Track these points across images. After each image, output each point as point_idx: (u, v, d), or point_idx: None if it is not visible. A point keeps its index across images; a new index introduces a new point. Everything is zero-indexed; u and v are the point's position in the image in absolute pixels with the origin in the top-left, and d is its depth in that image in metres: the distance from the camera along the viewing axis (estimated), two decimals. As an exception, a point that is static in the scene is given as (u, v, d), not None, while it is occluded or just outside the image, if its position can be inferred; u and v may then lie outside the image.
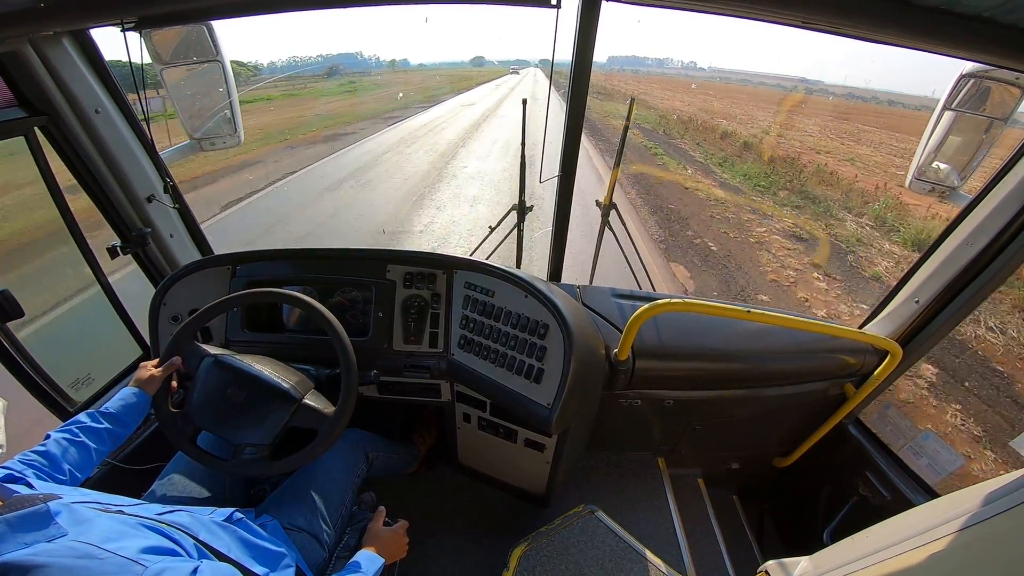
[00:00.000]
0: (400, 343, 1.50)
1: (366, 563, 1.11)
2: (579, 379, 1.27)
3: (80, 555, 0.60)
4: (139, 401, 1.15)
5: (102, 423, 1.06)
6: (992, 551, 0.72)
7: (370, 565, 1.11)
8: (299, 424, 1.19)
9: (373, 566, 1.11)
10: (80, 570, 0.58)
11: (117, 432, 1.09)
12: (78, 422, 1.04)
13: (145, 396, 1.16)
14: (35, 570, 0.56)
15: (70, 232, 1.42)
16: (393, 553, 1.22)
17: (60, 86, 1.26)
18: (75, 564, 0.59)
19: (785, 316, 1.52)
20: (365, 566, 1.10)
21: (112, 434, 1.08)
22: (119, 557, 0.62)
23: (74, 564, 0.59)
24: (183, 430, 1.18)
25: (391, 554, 1.20)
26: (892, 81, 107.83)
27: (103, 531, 0.67)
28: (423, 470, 2.01)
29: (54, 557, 0.58)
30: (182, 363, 1.22)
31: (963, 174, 1.43)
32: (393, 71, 61.28)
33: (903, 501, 1.53)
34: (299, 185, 9.85)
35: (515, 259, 1.99)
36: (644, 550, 1.59)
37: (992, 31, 0.76)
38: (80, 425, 1.03)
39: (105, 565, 0.61)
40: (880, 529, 0.98)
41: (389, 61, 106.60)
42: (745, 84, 56.73)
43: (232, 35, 36.78)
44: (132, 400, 1.14)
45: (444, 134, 15.75)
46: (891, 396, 3.50)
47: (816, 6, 0.89)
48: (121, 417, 1.10)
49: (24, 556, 0.57)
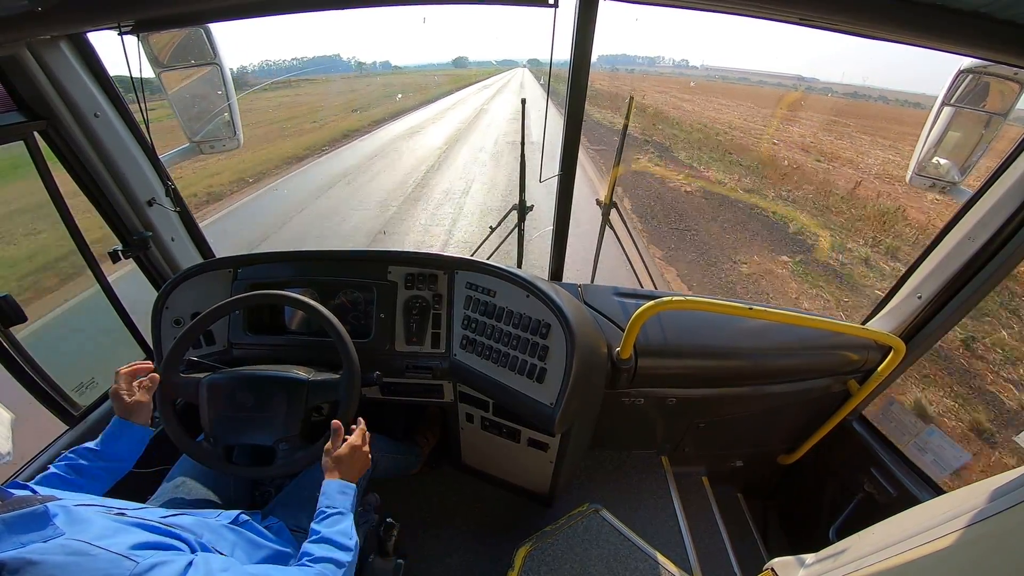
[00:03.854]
0: (402, 344, 1.50)
1: (338, 498, 1.00)
2: (582, 378, 1.27)
3: (72, 552, 0.60)
4: (128, 432, 1.06)
5: (95, 461, 1.01)
6: (998, 548, 0.72)
7: (343, 499, 1.00)
8: (318, 400, 1.19)
9: (347, 499, 1.01)
10: (72, 566, 0.58)
11: (114, 467, 1.04)
12: (73, 459, 0.99)
13: (133, 426, 1.07)
14: (27, 567, 0.56)
15: (71, 236, 1.42)
16: (358, 469, 1.10)
17: (59, 90, 1.26)
18: (67, 561, 0.59)
19: (788, 313, 1.51)
20: (339, 502, 0.99)
21: (109, 470, 1.02)
22: (111, 553, 0.62)
23: (66, 561, 0.59)
24: (216, 454, 1.18)
25: (358, 470, 1.10)
26: (892, 78, 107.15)
27: (99, 530, 0.66)
28: (426, 471, 2.01)
29: (47, 555, 0.58)
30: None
31: (963, 169, 1.43)
32: (360, 75, 55.30)
33: (909, 498, 1.52)
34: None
35: (516, 259, 1.99)
36: (649, 548, 1.59)
37: (989, 26, 0.76)
38: (74, 463, 0.98)
39: (97, 561, 0.60)
40: (886, 526, 0.98)
41: (357, 64, 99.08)
42: (731, 82, 56.63)
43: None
44: (122, 433, 1.06)
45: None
46: (895, 392, 3.50)
47: (813, 3, 0.89)
48: (109, 453, 1.03)
49: (17, 555, 0.57)
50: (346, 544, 0.93)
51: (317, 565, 0.87)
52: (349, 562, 0.90)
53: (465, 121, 18.52)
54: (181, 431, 1.19)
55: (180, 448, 1.20)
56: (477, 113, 21.78)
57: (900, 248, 7.52)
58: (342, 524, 0.96)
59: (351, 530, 0.96)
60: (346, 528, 0.95)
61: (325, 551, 0.90)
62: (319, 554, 0.89)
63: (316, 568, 0.86)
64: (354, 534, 0.96)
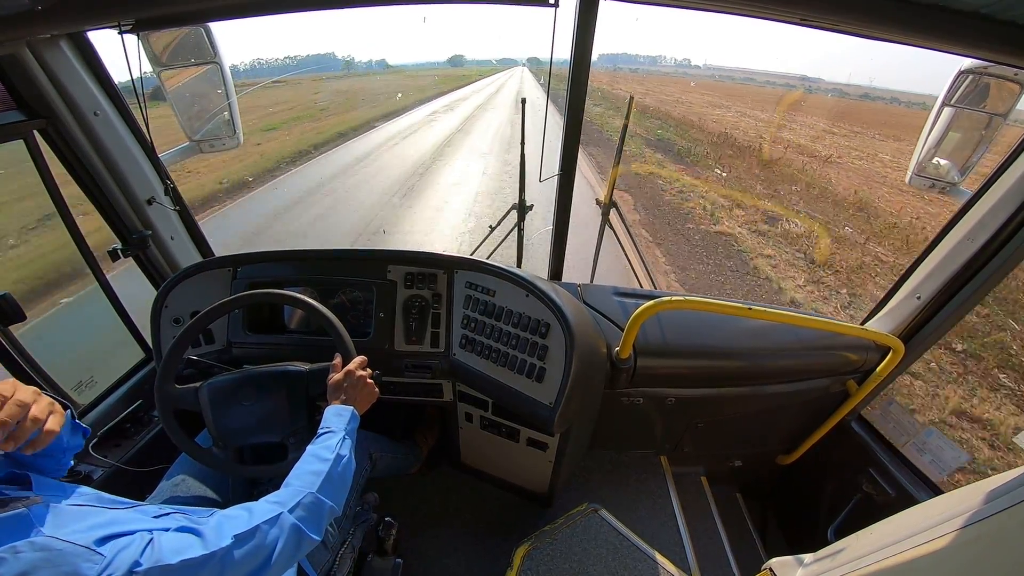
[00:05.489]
0: (401, 343, 1.50)
1: (332, 419, 1.03)
2: (581, 378, 1.27)
3: (39, 548, 0.60)
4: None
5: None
6: (996, 548, 0.72)
7: (338, 420, 1.03)
8: (319, 389, 1.20)
9: (341, 420, 1.04)
10: (38, 561, 0.58)
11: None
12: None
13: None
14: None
15: (71, 234, 1.42)
16: (362, 398, 1.13)
17: (58, 89, 1.26)
18: (33, 557, 0.59)
19: (787, 313, 1.51)
20: (334, 423, 1.02)
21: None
22: (77, 546, 0.62)
23: (32, 557, 0.58)
24: (227, 459, 1.18)
25: (361, 400, 1.12)
26: (897, 77, 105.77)
27: (77, 526, 0.66)
28: (425, 470, 2.01)
29: (12, 553, 0.58)
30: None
31: (963, 170, 1.43)
32: (349, 74, 52.90)
33: (907, 498, 1.52)
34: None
35: (516, 259, 1.99)
36: (648, 548, 1.59)
37: (989, 27, 0.76)
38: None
39: (63, 555, 0.60)
40: (884, 526, 0.98)
41: (345, 63, 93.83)
42: (737, 82, 56.49)
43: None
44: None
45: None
46: (893, 392, 3.50)
47: (814, 3, 0.89)
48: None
49: None
50: (325, 456, 0.95)
51: (296, 482, 0.90)
52: (329, 471, 0.93)
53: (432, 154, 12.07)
54: (189, 441, 1.19)
55: (193, 458, 1.20)
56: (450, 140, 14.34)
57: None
58: (329, 440, 0.99)
59: (337, 445, 0.98)
60: (332, 443, 0.98)
61: (306, 466, 0.93)
62: (299, 470, 0.92)
63: (296, 485, 0.89)
64: (341, 448, 0.98)
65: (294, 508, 0.85)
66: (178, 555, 0.68)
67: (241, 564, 0.74)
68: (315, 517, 0.87)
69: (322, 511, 0.89)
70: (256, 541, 0.77)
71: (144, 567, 0.64)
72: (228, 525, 0.77)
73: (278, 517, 0.82)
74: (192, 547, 0.70)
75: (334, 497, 0.92)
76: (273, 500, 0.85)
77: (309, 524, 0.85)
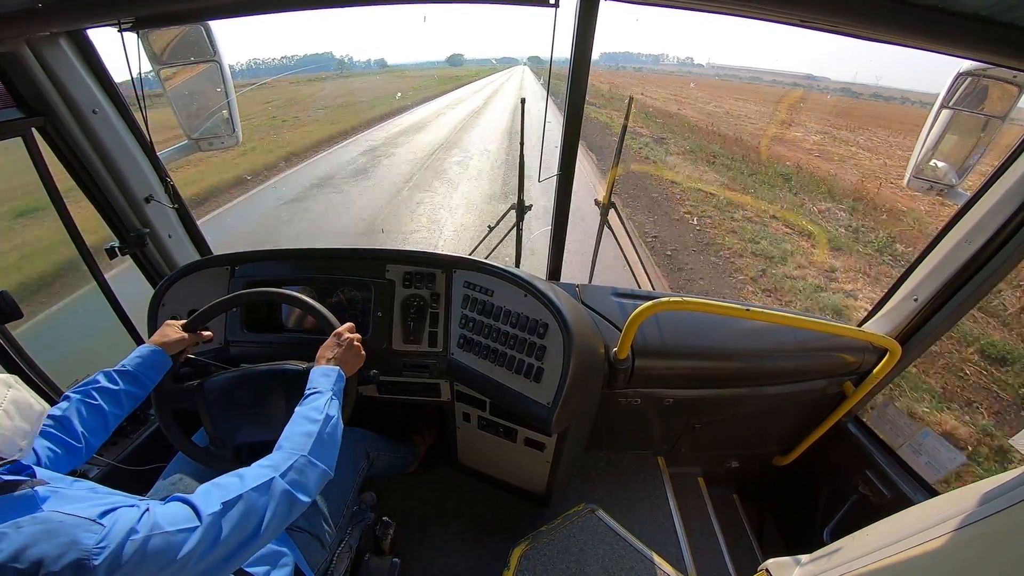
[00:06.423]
0: (400, 343, 1.50)
1: (319, 380, 1.05)
2: (579, 378, 1.27)
3: (39, 521, 0.61)
4: (159, 360, 1.12)
5: (119, 384, 1.04)
6: (990, 549, 0.72)
7: (325, 380, 1.05)
8: None
9: (328, 380, 1.05)
10: (39, 533, 0.60)
11: (135, 393, 1.07)
12: (95, 382, 1.02)
13: (165, 356, 1.13)
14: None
15: (68, 233, 1.42)
16: (351, 360, 1.15)
17: (57, 87, 1.26)
18: (33, 529, 0.60)
19: (785, 315, 1.52)
20: (321, 383, 1.04)
21: (130, 396, 1.06)
22: (78, 518, 0.64)
23: (32, 529, 0.60)
24: (224, 457, 1.19)
25: (349, 361, 1.14)
26: (901, 76, 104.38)
27: (80, 504, 0.67)
28: (423, 470, 2.01)
29: (15, 528, 0.60)
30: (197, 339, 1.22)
31: (961, 172, 1.43)
32: (342, 74, 51.45)
33: (903, 499, 1.53)
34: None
35: (514, 258, 1.99)
36: (645, 549, 1.59)
37: (989, 30, 0.76)
38: (97, 386, 1.01)
39: (63, 526, 0.62)
40: (880, 527, 0.98)
41: (337, 61, 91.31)
42: (743, 81, 56.44)
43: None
44: (152, 358, 1.11)
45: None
46: (890, 394, 3.49)
47: (814, 5, 0.89)
48: (140, 377, 1.08)
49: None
50: (315, 417, 0.96)
51: (288, 444, 0.91)
52: (319, 432, 0.94)
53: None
54: (186, 440, 1.18)
55: (190, 457, 1.20)
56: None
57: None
58: (317, 401, 1.00)
59: (325, 405, 1.00)
60: (320, 404, 0.99)
61: (296, 428, 0.94)
62: (290, 432, 0.93)
63: (287, 447, 0.90)
64: (330, 408, 1.00)
65: (286, 472, 0.85)
66: (173, 524, 0.69)
67: (233, 531, 0.75)
68: (307, 480, 0.88)
69: (315, 473, 0.90)
70: (244, 508, 0.77)
71: (140, 534, 0.65)
72: (218, 492, 0.78)
73: (270, 482, 0.82)
74: (187, 516, 0.72)
75: (325, 459, 0.93)
76: (266, 464, 0.86)
77: (301, 488, 0.86)
